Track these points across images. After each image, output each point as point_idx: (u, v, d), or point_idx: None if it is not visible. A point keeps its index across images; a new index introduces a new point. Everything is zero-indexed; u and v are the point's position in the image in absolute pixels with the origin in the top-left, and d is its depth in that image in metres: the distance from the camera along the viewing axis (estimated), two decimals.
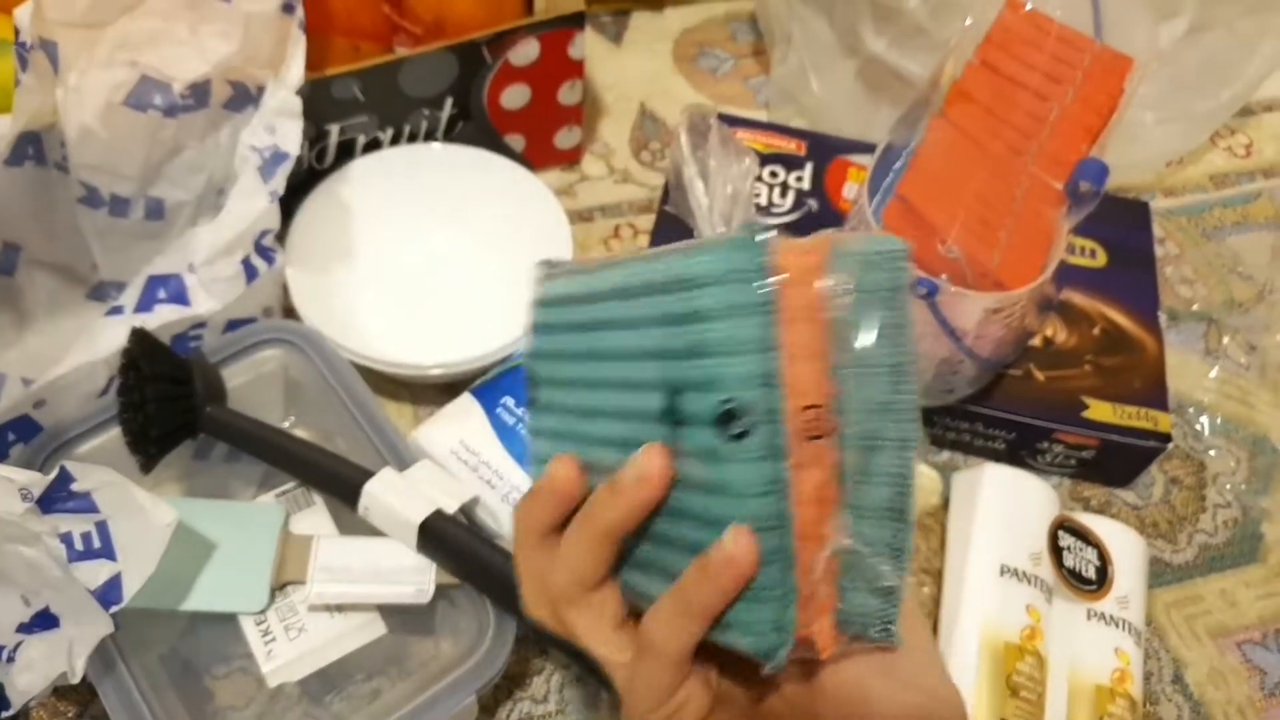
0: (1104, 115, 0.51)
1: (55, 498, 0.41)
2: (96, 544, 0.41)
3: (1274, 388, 0.65)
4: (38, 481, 0.41)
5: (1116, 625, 0.52)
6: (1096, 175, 0.49)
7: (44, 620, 0.43)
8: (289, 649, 0.47)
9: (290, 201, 0.59)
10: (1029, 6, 0.52)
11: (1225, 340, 0.67)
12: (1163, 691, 0.54)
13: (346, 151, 0.64)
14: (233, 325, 0.55)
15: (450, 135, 0.67)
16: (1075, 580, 0.53)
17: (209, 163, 0.55)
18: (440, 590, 0.47)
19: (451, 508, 0.48)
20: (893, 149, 0.53)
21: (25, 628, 0.43)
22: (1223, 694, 0.55)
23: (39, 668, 0.43)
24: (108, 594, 0.41)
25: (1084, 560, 0.53)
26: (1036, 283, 0.48)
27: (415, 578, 0.47)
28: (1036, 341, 0.60)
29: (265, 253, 0.55)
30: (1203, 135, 0.75)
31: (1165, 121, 0.70)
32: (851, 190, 0.66)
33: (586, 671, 0.52)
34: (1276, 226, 0.73)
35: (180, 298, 0.53)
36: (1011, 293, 0.48)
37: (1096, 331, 0.61)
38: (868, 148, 0.68)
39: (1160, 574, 0.58)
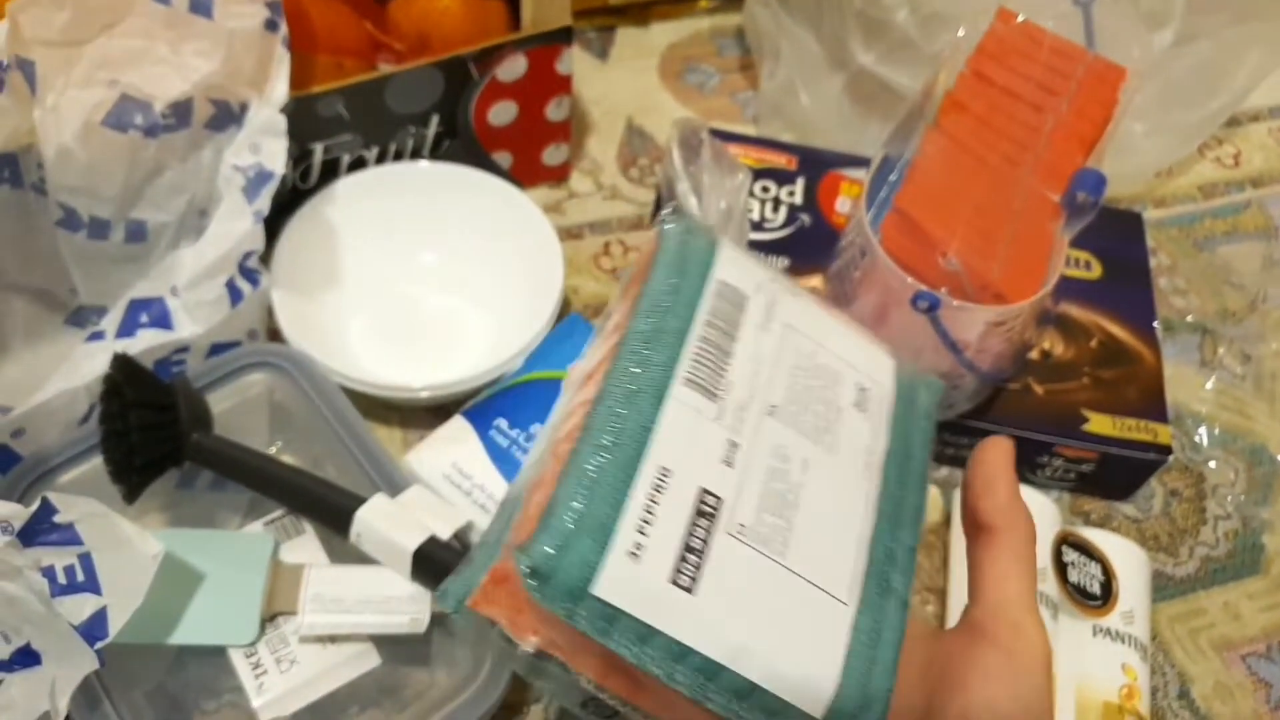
0: (1099, 126, 0.51)
1: (37, 530, 0.40)
2: (80, 577, 0.40)
3: (1270, 398, 0.65)
4: (18, 514, 0.39)
5: (1123, 641, 0.52)
6: (1094, 186, 0.49)
7: (25, 658, 0.42)
8: (281, 682, 0.45)
9: (274, 222, 0.58)
10: (1021, 17, 0.51)
11: (1220, 351, 0.67)
12: (1169, 707, 0.54)
13: (331, 170, 0.63)
14: (217, 349, 0.54)
15: (436, 153, 0.66)
16: (1080, 596, 0.52)
17: (191, 183, 0.54)
18: (435, 619, 0.46)
19: (445, 533, 0.47)
20: (888, 161, 0.53)
21: (5, 666, 0.41)
22: (1229, 708, 0.54)
23: (20, 707, 0.41)
24: (92, 629, 0.40)
25: (1088, 575, 0.53)
26: (1039, 295, 0.48)
27: (410, 606, 0.46)
28: (1035, 355, 0.59)
29: (249, 275, 0.54)
30: (1191, 146, 0.75)
31: (1154, 132, 0.70)
32: (844, 204, 0.65)
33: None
34: (1266, 236, 0.73)
35: (163, 322, 0.51)
36: (1014, 305, 0.47)
37: (1094, 344, 0.60)
38: (860, 161, 0.67)
39: (1163, 587, 0.57)
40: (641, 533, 0.24)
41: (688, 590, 0.24)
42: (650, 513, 0.24)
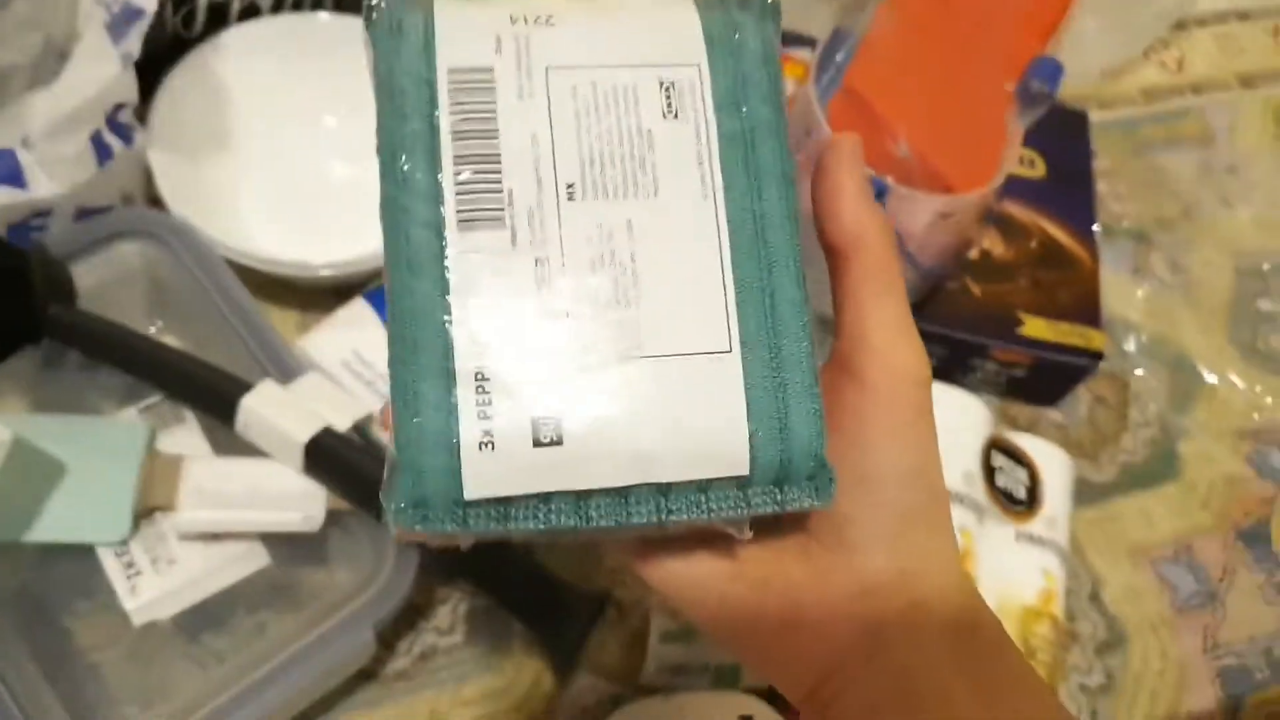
0: (1059, 10, 0.48)
1: None
2: None
3: (1196, 306, 0.64)
4: None
5: (1044, 546, 0.51)
6: (1051, 75, 0.46)
7: None
8: (157, 583, 0.42)
9: (154, 74, 0.52)
10: None
11: (1154, 258, 0.66)
12: (1080, 608, 0.54)
13: (219, 17, 0.56)
14: (84, 214, 0.48)
15: (340, 2, 0.59)
16: (1007, 500, 0.51)
17: (46, 19, 0.47)
18: (333, 515, 0.43)
19: (343, 425, 0.43)
20: (838, 36, 0.49)
21: None
22: (1137, 610, 0.55)
23: None
24: None
25: (1015, 481, 0.52)
26: (990, 186, 0.45)
27: (303, 503, 0.42)
28: (974, 254, 0.57)
29: (121, 130, 0.48)
30: (1139, 46, 0.73)
31: (1106, 29, 0.68)
32: (791, 86, 0.61)
33: (496, 601, 0.48)
34: (1203, 144, 0.72)
35: (14, 178, 0.45)
36: (964, 196, 0.45)
37: (1034, 245, 0.59)
38: (806, 41, 0.63)
39: (1082, 493, 0.57)
40: (484, 416, 0.22)
41: (556, 443, 0.22)
42: (484, 391, 0.22)
